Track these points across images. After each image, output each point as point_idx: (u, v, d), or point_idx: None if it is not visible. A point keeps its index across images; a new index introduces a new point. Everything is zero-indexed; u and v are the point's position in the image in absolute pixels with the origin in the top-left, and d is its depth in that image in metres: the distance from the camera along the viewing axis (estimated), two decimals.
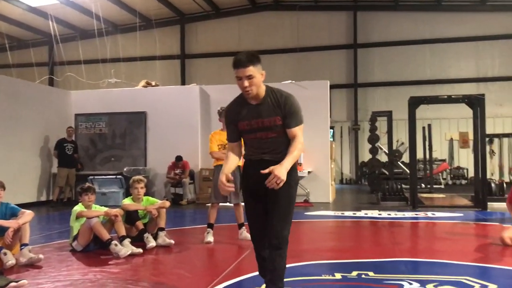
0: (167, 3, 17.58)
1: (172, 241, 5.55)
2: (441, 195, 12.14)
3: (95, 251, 5.23)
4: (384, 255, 4.97)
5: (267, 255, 3.00)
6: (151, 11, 17.88)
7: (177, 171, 10.99)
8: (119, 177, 10.86)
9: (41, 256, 4.71)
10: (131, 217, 5.68)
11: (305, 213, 8.72)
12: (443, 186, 15.48)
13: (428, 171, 14.35)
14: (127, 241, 5.15)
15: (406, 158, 13.44)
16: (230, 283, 3.88)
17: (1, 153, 9.81)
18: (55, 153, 10.98)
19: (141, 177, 5.86)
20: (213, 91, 11.72)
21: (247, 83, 2.93)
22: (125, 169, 11.09)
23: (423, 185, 13.81)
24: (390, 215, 8.36)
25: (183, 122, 11.37)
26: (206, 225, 5.91)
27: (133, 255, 5.01)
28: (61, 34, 17.20)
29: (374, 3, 18.68)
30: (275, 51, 18.72)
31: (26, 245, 4.68)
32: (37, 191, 10.99)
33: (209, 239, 5.76)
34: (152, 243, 5.43)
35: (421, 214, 8.53)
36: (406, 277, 3.90)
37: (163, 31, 19.29)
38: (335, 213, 8.95)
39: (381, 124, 14.57)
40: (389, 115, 13.77)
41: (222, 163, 5.88)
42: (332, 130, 16.08)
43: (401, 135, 16.47)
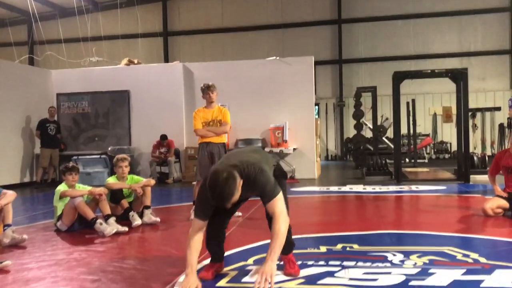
0: None
1: (158, 219, 5.54)
2: (425, 169, 12.30)
3: (80, 230, 5.20)
4: (368, 228, 5.03)
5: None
6: None
7: (162, 150, 10.93)
8: (104, 156, 10.77)
9: (25, 236, 4.66)
10: (116, 196, 5.64)
11: (291, 189, 8.76)
12: (426, 160, 15.69)
13: (412, 146, 14.50)
14: (112, 220, 5.12)
15: (390, 133, 13.54)
16: None
17: None
18: (37, 133, 10.82)
19: (125, 156, 5.80)
20: (196, 68, 11.60)
21: (230, 204, 2.90)
22: (109, 149, 11.00)
23: (407, 160, 13.97)
24: (374, 189, 8.44)
25: (167, 100, 11.26)
26: (192, 203, 5.91)
27: (118, 234, 4.99)
28: (40, 12, 16.78)
29: None
30: (258, 27, 18.57)
31: (9, 225, 4.62)
32: (20, 172, 10.86)
33: None
34: (137, 221, 5.41)
35: (405, 188, 8.64)
36: (390, 249, 3.96)
37: (145, 8, 18.97)
38: (320, 188, 9.02)
39: (366, 100, 14.63)
40: (373, 90, 13.81)
41: (206, 140, 5.88)
42: (317, 107, 16.09)
43: (386, 111, 16.57)
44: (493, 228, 4.94)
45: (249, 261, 3.66)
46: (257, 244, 4.18)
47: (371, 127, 14.08)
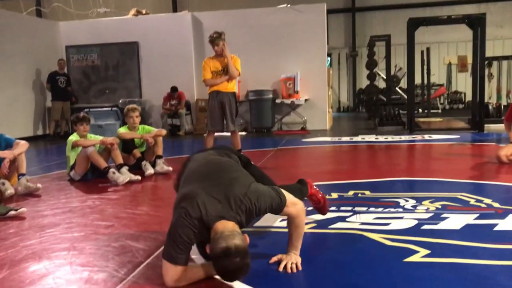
0: None
1: (170, 168, 5.56)
2: (438, 119, 12.14)
3: (93, 179, 5.25)
4: (380, 176, 5.01)
5: None
6: None
7: (173, 102, 10.88)
8: (115, 109, 10.76)
9: (39, 185, 4.73)
10: (127, 145, 5.66)
11: (302, 140, 8.74)
12: (440, 110, 15.48)
13: (425, 96, 14.28)
14: (125, 169, 5.16)
15: (404, 84, 13.30)
16: None
17: None
18: (47, 86, 10.81)
19: (135, 106, 5.79)
20: (205, 18, 11.33)
21: None
22: (120, 101, 10.98)
23: (420, 110, 13.79)
24: (387, 139, 8.38)
25: (176, 51, 11.11)
26: None
27: (131, 182, 5.04)
28: None
29: None
30: None
31: (23, 175, 4.69)
32: (33, 125, 10.95)
33: None
34: (150, 170, 5.45)
35: (418, 137, 8.56)
36: (402, 195, 3.94)
37: None
38: (332, 138, 8.97)
39: (379, 49, 14.29)
40: (387, 39, 13.44)
41: (216, 89, 5.80)
42: (329, 57, 15.77)
43: (399, 61, 16.18)
44: (507, 174, 4.90)
45: None
46: None
47: (384, 77, 13.82)
